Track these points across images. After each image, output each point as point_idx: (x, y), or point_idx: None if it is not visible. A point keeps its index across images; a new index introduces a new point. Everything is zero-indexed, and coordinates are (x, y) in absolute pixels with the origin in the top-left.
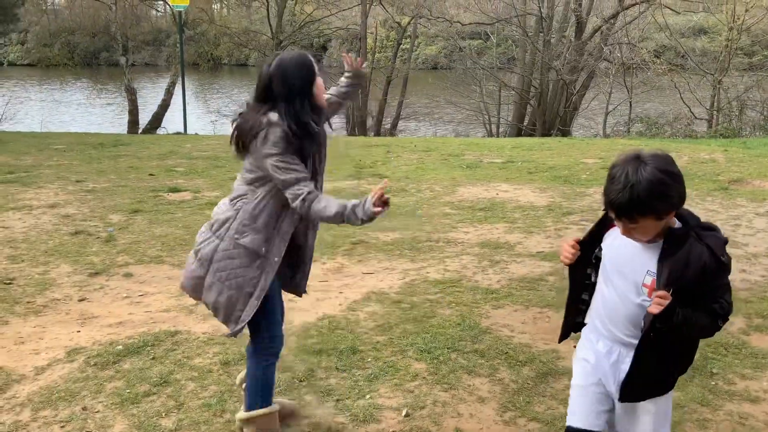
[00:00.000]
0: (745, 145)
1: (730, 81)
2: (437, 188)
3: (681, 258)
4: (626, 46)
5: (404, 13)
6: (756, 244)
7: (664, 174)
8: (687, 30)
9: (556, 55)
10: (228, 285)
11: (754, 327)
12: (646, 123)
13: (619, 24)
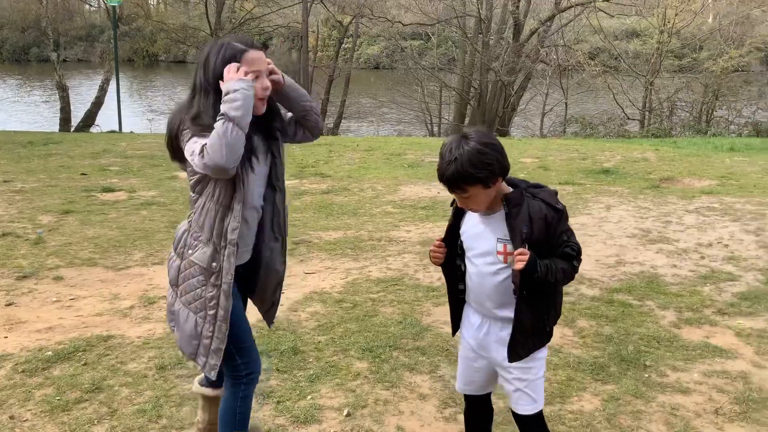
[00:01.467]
0: (675, 145)
1: (661, 82)
2: (379, 187)
3: (523, 216)
4: (562, 48)
5: (346, 12)
6: (686, 240)
7: (483, 145)
8: (620, 33)
9: (495, 57)
10: (192, 308)
11: (684, 320)
12: (581, 123)
13: (555, 27)
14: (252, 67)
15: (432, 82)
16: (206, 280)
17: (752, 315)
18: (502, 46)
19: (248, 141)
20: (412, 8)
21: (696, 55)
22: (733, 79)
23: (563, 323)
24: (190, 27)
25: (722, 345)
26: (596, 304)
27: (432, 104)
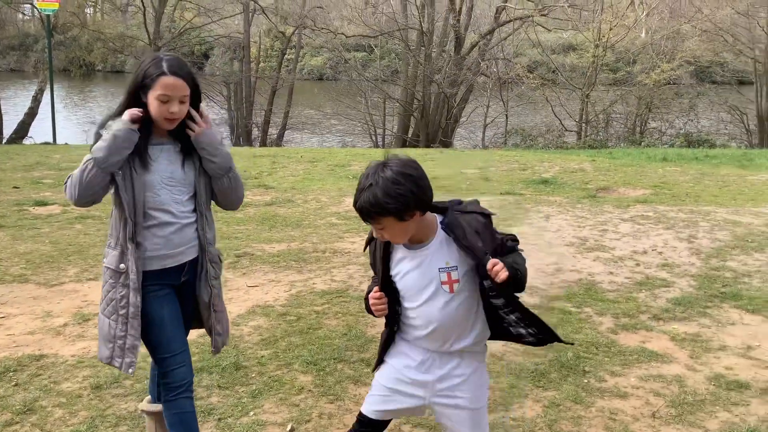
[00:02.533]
0: (611, 155)
1: (596, 95)
2: (324, 199)
3: (465, 233)
4: (502, 61)
5: (288, 24)
6: (622, 248)
7: (400, 176)
8: (558, 47)
9: (437, 69)
10: (106, 313)
11: (621, 326)
12: (522, 134)
13: (495, 40)
14: (164, 91)
15: (376, 94)
16: (116, 281)
17: (686, 320)
18: (444, 59)
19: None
20: (355, 20)
21: (630, 68)
22: (665, 91)
23: None
24: (128, 36)
25: (658, 350)
26: (537, 312)
27: (376, 115)
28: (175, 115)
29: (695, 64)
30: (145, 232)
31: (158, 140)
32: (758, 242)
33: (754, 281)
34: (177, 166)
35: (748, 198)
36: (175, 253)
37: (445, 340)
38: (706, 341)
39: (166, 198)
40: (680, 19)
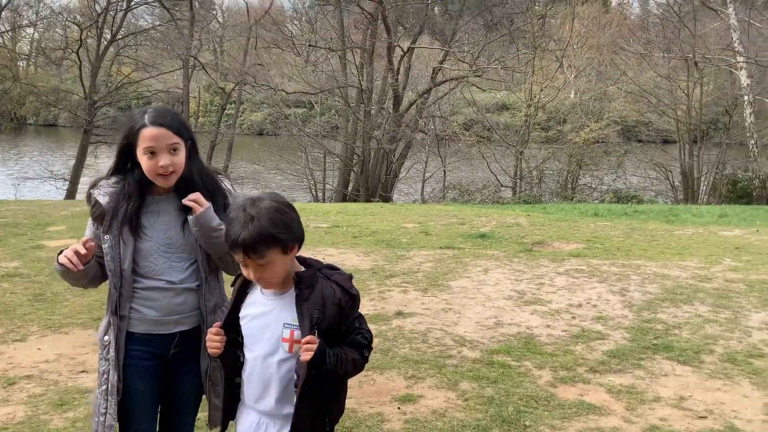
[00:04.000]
0: (545, 210)
1: (530, 152)
2: None
3: (316, 300)
4: (439, 119)
5: (228, 80)
6: (558, 301)
7: (281, 204)
8: (492, 106)
9: (377, 125)
10: (97, 384)
11: (560, 379)
12: (459, 189)
13: (432, 99)
14: (148, 143)
15: (316, 149)
16: (101, 354)
17: (621, 372)
18: (383, 116)
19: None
20: (295, 78)
21: (560, 127)
22: (594, 149)
23: (447, 387)
24: (63, 90)
25: (595, 402)
26: (477, 366)
27: (316, 170)
28: (168, 168)
29: (622, 124)
30: (136, 297)
31: (155, 204)
32: (686, 294)
33: (683, 333)
34: (177, 230)
35: (675, 252)
36: (166, 321)
37: (277, 401)
38: (641, 393)
39: (162, 267)
40: (606, 81)
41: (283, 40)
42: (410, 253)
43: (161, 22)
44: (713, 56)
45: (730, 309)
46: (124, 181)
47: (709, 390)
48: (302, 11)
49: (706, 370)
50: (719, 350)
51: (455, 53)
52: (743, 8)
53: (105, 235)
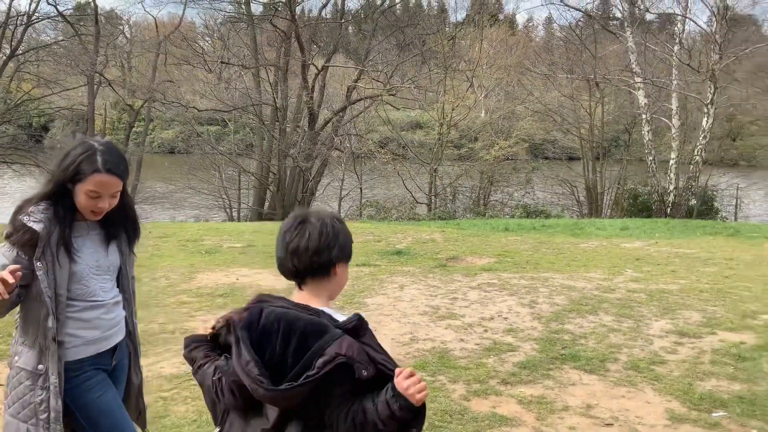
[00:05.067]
0: (459, 226)
1: (443, 169)
2: (173, 276)
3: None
4: (354, 136)
5: (137, 97)
6: (471, 315)
7: (336, 221)
8: (406, 124)
9: (292, 143)
10: (21, 417)
11: (473, 392)
12: (376, 207)
13: (347, 117)
14: (96, 188)
15: (230, 168)
16: (34, 383)
17: (531, 383)
18: (299, 134)
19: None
20: (207, 95)
21: (472, 145)
22: (504, 166)
23: None
24: None
25: (507, 414)
26: None
27: (231, 189)
28: (104, 210)
29: (530, 142)
30: (70, 321)
31: (81, 228)
32: (591, 305)
33: (589, 342)
34: (102, 252)
35: (580, 264)
36: (107, 336)
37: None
38: (551, 402)
39: (94, 288)
40: (514, 101)
41: (194, 57)
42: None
43: (65, 37)
44: (613, 77)
45: (632, 318)
46: (54, 207)
47: (614, 397)
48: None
49: (612, 378)
50: (623, 358)
51: (369, 72)
52: (640, 32)
53: (37, 262)
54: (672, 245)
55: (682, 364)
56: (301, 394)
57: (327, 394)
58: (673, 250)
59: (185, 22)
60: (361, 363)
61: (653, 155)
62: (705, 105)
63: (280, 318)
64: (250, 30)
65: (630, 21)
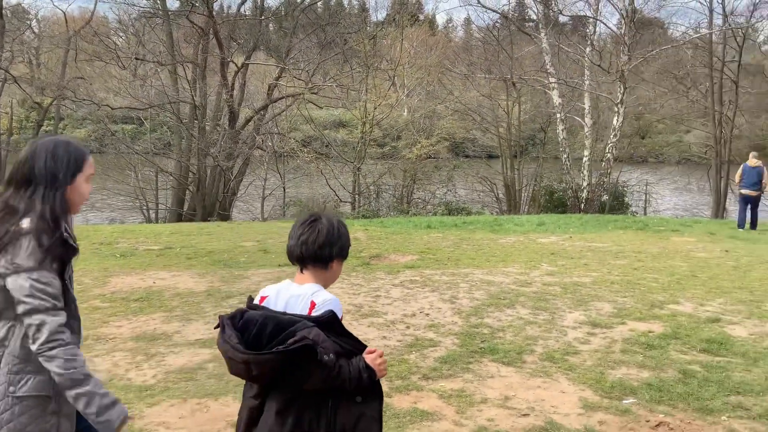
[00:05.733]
0: (382, 224)
1: (367, 168)
2: (86, 280)
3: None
4: (277, 135)
5: (45, 94)
6: (393, 313)
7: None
8: (329, 123)
9: (212, 142)
10: None
11: (395, 389)
12: (300, 206)
13: (269, 115)
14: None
15: (147, 167)
16: (44, 410)
17: (451, 377)
18: (219, 132)
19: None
20: (122, 92)
21: (395, 143)
22: (426, 164)
23: None
24: None
25: (428, 408)
26: None
27: (148, 190)
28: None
29: (450, 140)
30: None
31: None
32: (509, 299)
33: (507, 335)
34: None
35: (499, 259)
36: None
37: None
38: (470, 396)
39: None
40: (435, 100)
41: (106, 53)
42: (248, 272)
43: None
44: (529, 77)
45: (547, 311)
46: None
47: (530, 388)
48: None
49: (528, 370)
50: (539, 350)
51: (291, 70)
52: (554, 33)
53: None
54: (585, 239)
55: (594, 353)
56: (270, 362)
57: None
58: (586, 244)
59: (97, 16)
60: (325, 349)
61: (567, 153)
62: (615, 104)
63: (261, 315)
64: (165, 26)
65: (544, 23)
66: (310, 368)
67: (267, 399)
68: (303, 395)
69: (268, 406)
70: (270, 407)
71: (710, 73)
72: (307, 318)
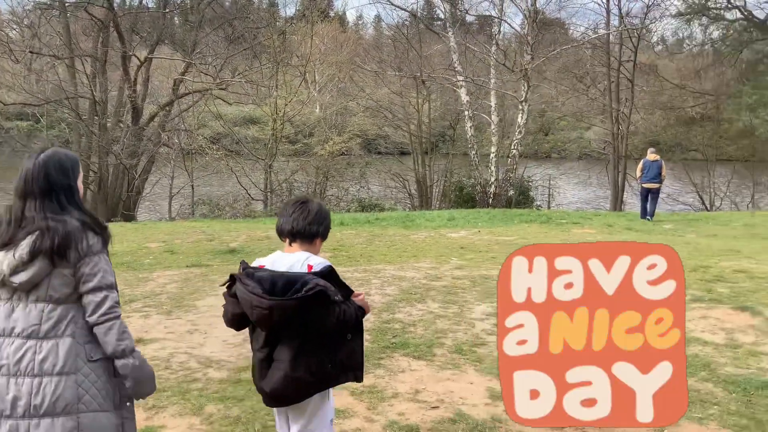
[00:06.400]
0: None
1: (278, 165)
2: None
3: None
4: (184, 132)
5: None
6: None
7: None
8: (240, 119)
9: (115, 140)
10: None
11: None
12: (209, 205)
13: (175, 111)
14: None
15: None
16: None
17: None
18: (122, 129)
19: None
20: (15, 88)
21: (307, 140)
22: (339, 161)
23: (191, 413)
24: None
25: (339, 406)
26: (224, 387)
27: None
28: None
29: (363, 137)
30: None
31: None
32: (420, 294)
33: (418, 329)
34: None
35: (411, 255)
36: None
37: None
38: (381, 391)
39: None
40: (347, 97)
41: None
42: (153, 274)
43: None
44: (437, 75)
45: (457, 304)
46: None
47: (440, 381)
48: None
49: (438, 363)
50: (449, 343)
51: (197, 65)
52: (461, 32)
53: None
54: (493, 233)
55: None
56: (292, 307)
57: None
58: (494, 238)
59: None
60: (333, 291)
61: (476, 149)
62: (520, 102)
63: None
64: (62, 18)
65: (451, 22)
66: (326, 310)
67: (276, 351)
68: (308, 342)
69: (278, 356)
70: (281, 357)
71: (608, 72)
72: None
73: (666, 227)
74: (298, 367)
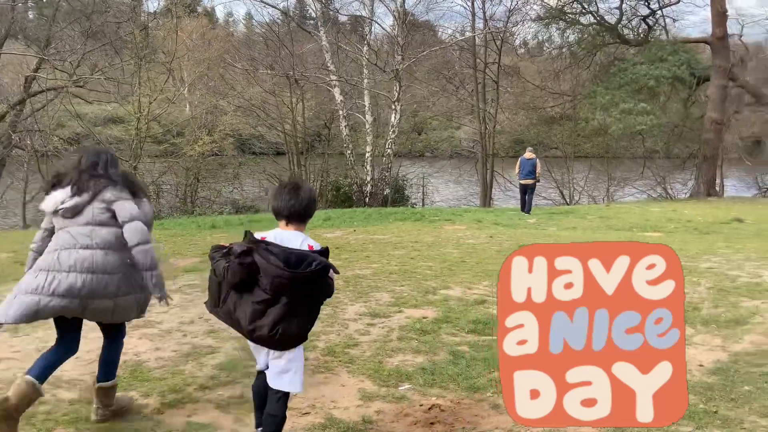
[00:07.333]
0: (162, 226)
1: (145, 167)
2: None
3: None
4: (38, 133)
5: None
6: (169, 321)
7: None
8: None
9: None
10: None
11: (167, 403)
12: None
13: (28, 111)
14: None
15: None
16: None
17: (230, 384)
18: None
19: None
20: None
21: (176, 140)
22: (210, 162)
23: None
24: None
25: (204, 420)
26: (76, 408)
27: None
28: None
29: (236, 137)
30: None
31: None
32: None
33: None
34: None
35: None
36: None
37: None
38: (249, 401)
39: None
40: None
41: None
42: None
43: None
44: (311, 74)
45: (330, 305)
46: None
47: (312, 385)
48: None
49: (311, 366)
50: (321, 345)
51: (52, 61)
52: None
53: None
54: (368, 232)
55: (373, 343)
56: (304, 277)
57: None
58: (369, 237)
59: None
60: (332, 267)
61: (351, 149)
62: (393, 102)
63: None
64: None
65: (323, 21)
66: (326, 282)
67: (271, 306)
68: (300, 304)
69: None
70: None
71: (474, 73)
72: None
73: (530, 221)
74: (292, 322)
